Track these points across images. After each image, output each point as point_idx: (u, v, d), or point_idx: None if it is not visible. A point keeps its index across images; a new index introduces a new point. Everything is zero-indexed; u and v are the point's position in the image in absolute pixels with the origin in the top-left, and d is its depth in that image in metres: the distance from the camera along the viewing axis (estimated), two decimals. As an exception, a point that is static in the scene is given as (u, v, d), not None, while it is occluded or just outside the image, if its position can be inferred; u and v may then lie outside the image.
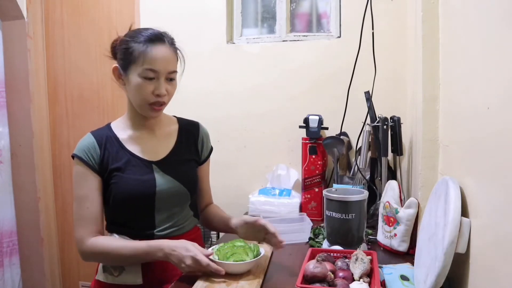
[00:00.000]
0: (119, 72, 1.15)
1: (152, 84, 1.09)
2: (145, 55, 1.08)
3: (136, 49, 1.09)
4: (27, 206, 2.18)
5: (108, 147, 1.14)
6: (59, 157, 2.30)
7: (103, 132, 1.17)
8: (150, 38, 1.10)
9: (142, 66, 1.08)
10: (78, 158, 1.12)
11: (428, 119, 1.21)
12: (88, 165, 1.11)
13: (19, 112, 2.14)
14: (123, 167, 1.12)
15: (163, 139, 1.22)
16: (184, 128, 1.27)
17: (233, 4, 2.07)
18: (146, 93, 1.09)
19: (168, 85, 1.12)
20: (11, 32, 2.10)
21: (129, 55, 1.10)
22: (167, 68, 1.10)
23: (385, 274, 1.03)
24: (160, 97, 1.10)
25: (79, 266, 2.33)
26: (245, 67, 1.99)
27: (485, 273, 0.76)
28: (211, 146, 1.33)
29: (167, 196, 1.14)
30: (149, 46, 1.09)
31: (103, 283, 1.13)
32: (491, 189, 0.75)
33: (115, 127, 1.20)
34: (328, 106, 1.86)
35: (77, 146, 1.14)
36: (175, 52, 1.15)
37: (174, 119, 1.29)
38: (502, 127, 0.69)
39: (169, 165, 1.18)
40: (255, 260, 1.08)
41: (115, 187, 1.11)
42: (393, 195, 1.30)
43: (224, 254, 1.08)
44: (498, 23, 0.72)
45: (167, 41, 1.13)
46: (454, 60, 1.05)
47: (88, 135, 1.17)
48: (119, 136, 1.17)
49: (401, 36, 1.76)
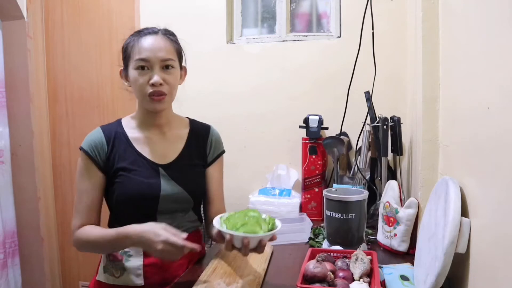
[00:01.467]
0: (123, 73, 1.15)
1: (147, 75, 1.08)
2: (135, 47, 1.09)
3: (130, 44, 1.11)
4: (27, 206, 2.17)
5: (116, 145, 1.13)
6: (59, 157, 2.30)
7: (113, 128, 1.16)
8: (143, 32, 1.12)
9: (134, 58, 1.09)
10: (84, 152, 1.12)
11: (428, 119, 1.21)
12: (93, 160, 1.11)
13: (19, 112, 2.14)
14: (129, 167, 1.11)
15: (172, 142, 1.19)
16: (195, 131, 1.24)
17: (233, 4, 2.07)
18: (141, 84, 1.08)
19: (165, 74, 1.10)
20: (11, 32, 2.10)
21: (125, 52, 1.13)
22: (157, 56, 1.08)
23: (385, 274, 1.03)
24: (155, 86, 1.08)
25: (79, 266, 2.33)
26: (245, 67, 1.99)
27: (485, 273, 0.76)
28: (223, 149, 1.29)
29: (170, 201, 1.13)
30: (140, 38, 1.10)
31: (104, 283, 1.13)
32: (491, 189, 0.75)
33: (125, 124, 1.19)
34: (328, 106, 1.86)
35: (86, 139, 1.14)
36: (170, 42, 1.13)
37: (186, 121, 1.26)
38: (502, 127, 0.69)
39: (176, 170, 1.15)
40: (269, 234, 0.94)
41: (119, 186, 1.10)
42: (393, 195, 1.30)
43: (234, 224, 0.95)
44: (498, 23, 0.72)
45: (161, 32, 1.13)
46: (454, 60, 1.05)
47: (98, 130, 1.16)
48: (128, 134, 1.16)
49: (401, 36, 1.76)
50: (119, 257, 1.11)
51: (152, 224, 0.99)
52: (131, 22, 2.13)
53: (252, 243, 0.93)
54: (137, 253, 1.11)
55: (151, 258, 1.10)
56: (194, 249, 0.96)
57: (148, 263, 1.10)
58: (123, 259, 1.11)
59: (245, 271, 1.08)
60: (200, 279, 1.03)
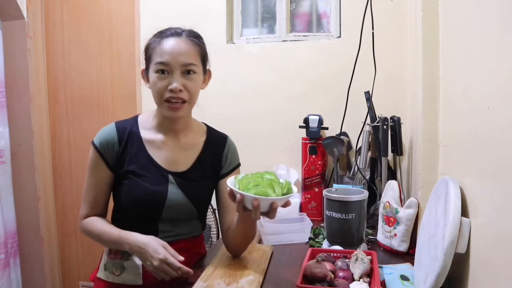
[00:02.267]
0: (145, 74, 1.13)
1: (167, 79, 1.05)
2: (157, 49, 1.06)
3: (152, 46, 1.08)
4: (27, 206, 2.17)
5: (129, 146, 1.11)
6: (59, 157, 2.30)
7: (128, 127, 1.13)
8: (165, 33, 1.08)
9: (155, 61, 1.06)
10: (95, 147, 1.11)
11: (428, 119, 1.21)
12: (102, 158, 1.10)
13: (19, 112, 2.14)
14: (138, 172, 1.09)
15: (186, 149, 1.16)
16: (211, 140, 1.20)
17: (233, 4, 2.07)
18: (160, 88, 1.05)
19: (185, 79, 1.06)
20: (11, 32, 2.10)
21: (146, 53, 1.10)
22: (179, 61, 1.04)
23: (385, 274, 1.03)
24: (174, 92, 1.04)
25: (79, 266, 2.33)
26: (245, 67, 1.99)
27: (485, 273, 0.76)
28: (238, 162, 1.24)
29: (175, 210, 1.11)
30: (162, 40, 1.07)
31: (103, 281, 1.13)
32: (491, 189, 0.75)
33: (142, 122, 1.15)
34: (328, 106, 1.86)
35: (98, 134, 1.12)
36: (194, 45, 1.09)
37: (203, 129, 1.23)
38: (502, 127, 0.69)
39: (186, 180, 1.13)
40: (281, 198, 0.90)
41: (126, 189, 1.10)
42: (393, 195, 1.30)
43: (246, 185, 0.91)
44: (498, 23, 0.72)
45: (185, 34, 1.09)
46: (454, 60, 1.05)
47: (112, 127, 1.13)
48: (142, 134, 1.13)
49: (401, 36, 1.76)
50: (119, 256, 1.11)
51: (154, 239, 1.02)
52: (131, 22, 2.13)
53: (263, 206, 0.90)
54: None
55: None
56: (188, 274, 0.99)
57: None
58: (123, 258, 1.11)
59: (245, 271, 1.08)
60: (200, 279, 1.03)
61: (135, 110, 2.12)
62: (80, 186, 2.33)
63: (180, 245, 1.12)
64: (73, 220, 2.32)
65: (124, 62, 2.16)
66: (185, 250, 1.12)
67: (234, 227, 1.11)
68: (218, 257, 1.18)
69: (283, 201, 0.92)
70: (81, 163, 2.25)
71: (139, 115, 1.19)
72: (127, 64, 2.15)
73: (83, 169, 1.60)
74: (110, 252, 1.13)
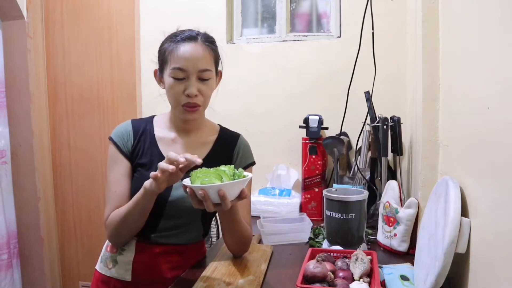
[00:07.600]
0: (158, 74, 1.14)
1: (183, 84, 1.06)
2: (173, 54, 1.06)
3: (168, 49, 1.08)
4: (27, 206, 2.18)
5: (142, 140, 1.14)
6: (59, 157, 2.30)
7: (143, 124, 1.17)
8: (181, 37, 1.08)
9: (171, 66, 1.07)
10: (112, 141, 1.13)
11: (428, 119, 1.21)
12: (120, 149, 1.12)
13: (19, 112, 2.14)
14: (148, 165, 1.11)
15: (196, 147, 1.17)
16: (223, 138, 1.22)
17: (233, 4, 2.07)
18: (176, 93, 1.07)
19: (201, 85, 1.08)
20: (11, 32, 2.10)
21: (162, 55, 1.11)
22: (196, 67, 1.06)
23: (385, 274, 1.03)
24: (190, 97, 1.06)
25: (79, 266, 2.33)
26: (245, 67, 1.99)
27: (485, 273, 0.76)
28: (252, 160, 1.25)
29: (178, 207, 1.11)
30: (178, 44, 1.07)
31: (98, 273, 1.15)
32: (491, 189, 0.75)
33: (156, 121, 1.19)
34: (328, 106, 1.86)
35: (115, 130, 1.16)
36: (209, 50, 1.10)
37: (216, 128, 1.24)
38: (502, 127, 0.69)
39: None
40: (225, 184, 0.87)
41: (134, 181, 1.11)
42: (393, 195, 1.31)
43: (195, 178, 0.90)
44: (498, 22, 0.72)
45: (201, 39, 1.09)
46: (454, 60, 1.05)
47: (127, 123, 1.17)
48: (155, 132, 1.17)
49: (401, 36, 1.76)
50: (115, 250, 1.13)
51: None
52: (131, 22, 2.13)
53: (212, 196, 0.88)
54: (130, 249, 1.12)
55: (142, 256, 1.11)
56: (194, 161, 0.92)
57: (138, 260, 1.11)
58: (117, 252, 1.12)
59: (245, 271, 1.08)
60: (200, 279, 1.03)
61: (135, 110, 2.12)
62: (80, 186, 2.35)
63: (179, 248, 1.14)
64: (73, 220, 2.32)
65: (124, 62, 2.16)
66: (184, 253, 1.14)
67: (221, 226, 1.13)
68: (218, 257, 1.18)
69: (231, 188, 0.89)
70: (81, 163, 2.26)
71: (155, 116, 1.22)
72: (127, 64, 2.15)
73: (83, 169, 1.64)
74: (108, 245, 1.15)
